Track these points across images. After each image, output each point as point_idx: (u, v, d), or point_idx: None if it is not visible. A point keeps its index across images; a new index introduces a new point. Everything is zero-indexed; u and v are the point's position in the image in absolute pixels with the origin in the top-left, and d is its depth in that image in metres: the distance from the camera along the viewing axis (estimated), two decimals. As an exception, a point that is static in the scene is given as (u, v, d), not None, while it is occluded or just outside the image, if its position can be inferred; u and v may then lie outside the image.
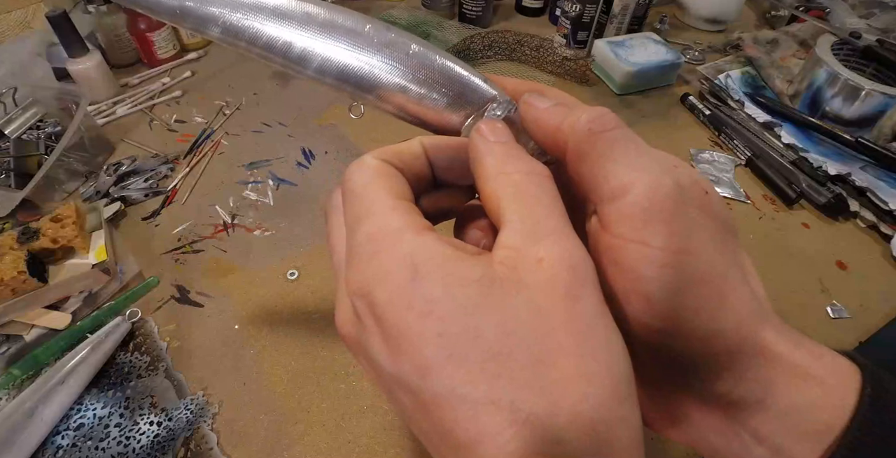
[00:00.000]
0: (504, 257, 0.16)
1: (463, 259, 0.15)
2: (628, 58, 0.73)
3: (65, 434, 0.40)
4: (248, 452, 0.39)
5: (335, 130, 0.68)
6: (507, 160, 0.18)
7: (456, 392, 0.14)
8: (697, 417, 0.19)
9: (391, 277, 0.15)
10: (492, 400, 0.13)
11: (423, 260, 0.15)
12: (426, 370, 0.14)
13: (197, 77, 0.76)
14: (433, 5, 0.89)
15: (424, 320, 0.14)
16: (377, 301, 0.15)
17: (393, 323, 0.15)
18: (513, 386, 0.14)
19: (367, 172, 0.18)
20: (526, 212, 0.16)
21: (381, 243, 0.16)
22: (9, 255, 0.45)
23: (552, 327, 0.14)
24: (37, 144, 0.59)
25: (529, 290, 0.15)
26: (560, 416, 0.13)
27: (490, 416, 0.13)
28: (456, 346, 0.14)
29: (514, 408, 0.13)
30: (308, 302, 0.49)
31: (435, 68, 0.21)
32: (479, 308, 0.14)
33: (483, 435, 0.13)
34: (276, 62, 0.22)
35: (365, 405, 0.42)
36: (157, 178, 0.61)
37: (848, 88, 0.63)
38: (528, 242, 0.16)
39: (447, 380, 0.14)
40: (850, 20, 0.84)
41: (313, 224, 0.56)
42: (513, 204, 0.17)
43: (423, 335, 0.14)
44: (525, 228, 0.16)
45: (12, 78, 0.65)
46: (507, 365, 0.14)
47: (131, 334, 0.46)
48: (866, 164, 0.62)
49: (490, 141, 0.19)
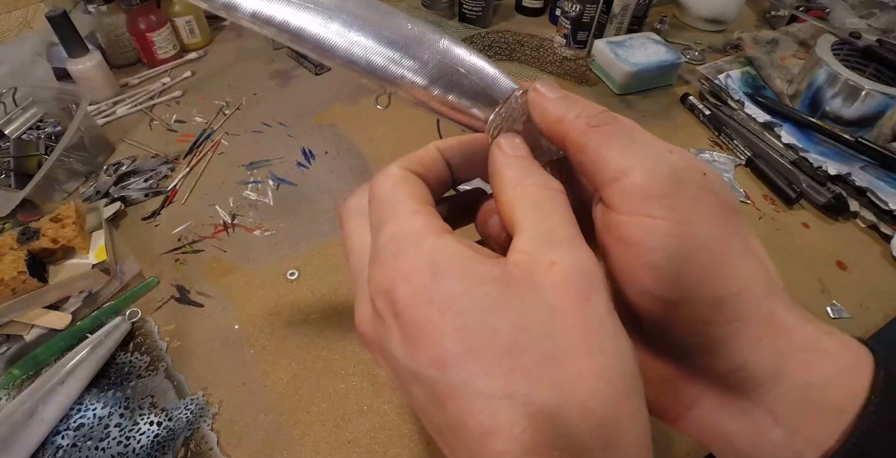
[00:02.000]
0: (519, 260, 0.16)
1: (481, 260, 0.16)
2: (628, 58, 0.73)
3: (65, 434, 0.40)
4: (248, 452, 0.39)
5: (335, 129, 0.68)
6: (524, 173, 0.19)
7: (472, 385, 0.14)
8: (710, 400, 0.19)
9: (413, 274, 0.16)
10: (507, 394, 0.14)
11: (443, 258, 0.16)
12: (444, 362, 0.15)
13: (197, 77, 0.76)
14: (433, 5, 0.89)
15: (444, 314, 0.15)
16: (399, 297, 0.16)
17: (413, 318, 0.15)
18: (527, 380, 0.14)
19: (391, 179, 0.19)
20: (541, 221, 0.17)
21: (404, 242, 0.17)
22: (9, 255, 0.45)
23: (565, 325, 0.15)
24: (37, 144, 0.59)
25: (543, 291, 0.15)
26: (571, 410, 0.14)
27: (504, 409, 0.14)
28: (474, 340, 0.15)
29: (528, 401, 0.14)
30: (308, 302, 0.49)
31: (463, 64, 0.22)
32: (497, 305, 0.15)
33: (497, 427, 0.14)
34: (305, 49, 0.22)
35: (365, 405, 0.42)
36: (157, 178, 0.61)
37: (848, 88, 0.63)
38: (542, 247, 0.16)
39: (464, 373, 0.15)
40: (850, 20, 0.84)
41: (313, 224, 0.56)
42: (528, 213, 0.18)
43: (442, 329, 0.15)
44: (539, 235, 0.17)
45: (12, 78, 0.65)
46: (521, 360, 0.14)
47: (131, 334, 0.46)
48: (866, 164, 0.62)
49: (508, 155, 0.20)
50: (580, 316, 0.15)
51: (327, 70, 0.78)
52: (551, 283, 0.16)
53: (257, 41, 0.83)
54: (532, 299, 0.15)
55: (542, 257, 0.16)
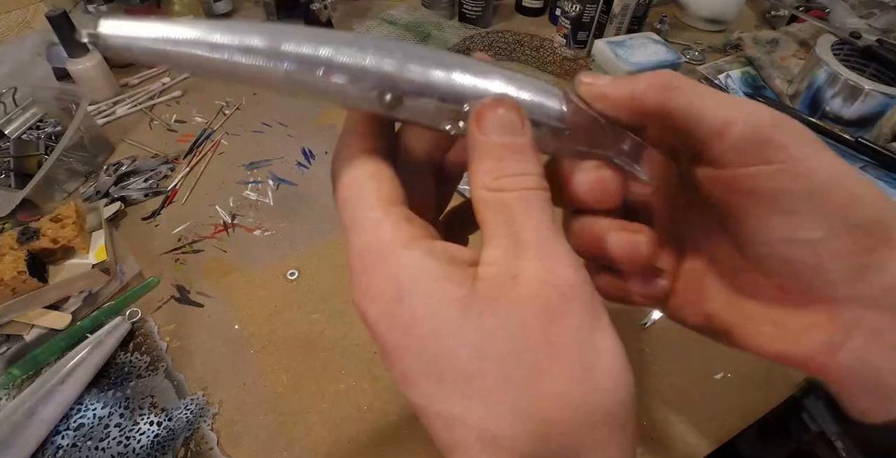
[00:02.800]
0: (486, 273, 0.16)
1: (448, 277, 0.15)
2: (628, 58, 0.73)
3: (65, 434, 0.40)
4: (248, 452, 0.39)
5: (335, 130, 0.68)
6: (500, 165, 0.16)
7: (432, 406, 0.15)
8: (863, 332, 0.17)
9: (380, 296, 0.16)
10: (462, 419, 0.14)
11: (407, 279, 0.15)
12: (408, 382, 0.15)
13: (197, 77, 0.76)
14: (433, 5, 0.89)
15: (406, 336, 0.15)
16: (369, 318, 0.16)
17: (381, 337, 0.16)
18: (483, 406, 0.14)
19: (356, 175, 0.18)
20: (507, 224, 0.16)
21: (370, 259, 0.16)
22: (9, 255, 0.45)
23: (527, 346, 0.14)
24: (37, 144, 0.59)
25: (508, 308, 0.15)
26: (526, 437, 0.14)
27: (461, 430, 0.14)
28: (432, 364, 0.15)
29: (482, 428, 0.14)
30: (308, 302, 0.49)
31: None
32: (457, 329, 0.15)
33: (456, 445, 0.15)
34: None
35: (365, 405, 0.42)
36: (157, 178, 0.61)
37: (848, 88, 0.63)
38: (508, 257, 0.15)
39: (424, 394, 0.15)
40: (850, 20, 0.84)
41: (313, 224, 0.56)
42: (496, 215, 0.16)
43: (403, 352, 0.15)
44: (507, 242, 0.16)
45: (12, 78, 0.65)
46: (478, 386, 0.14)
47: (131, 334, 0.46)
48: (866, 164, 0.62)
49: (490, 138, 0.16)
50: (546, 334, 0.14)
51: (327, 70, 0.78)
52: (517, 298, 0.15)
53: (257, 41, 0.83)
54: (494, 320, 0.14)
55: (507, 269, 0.15)
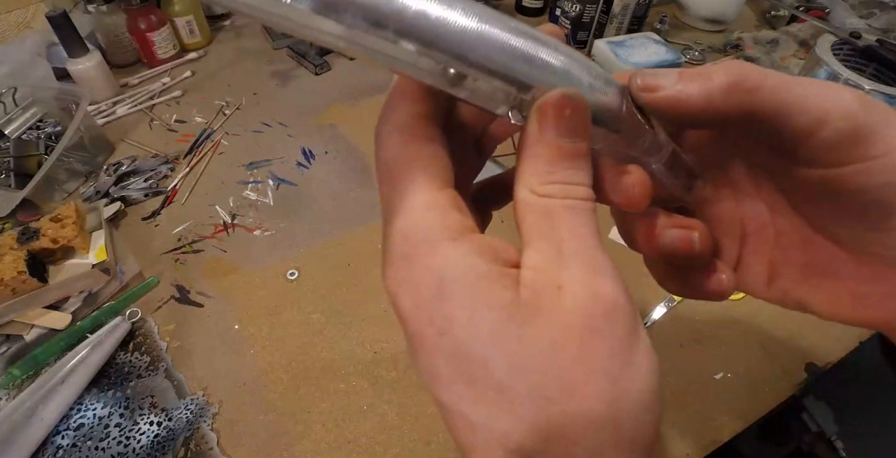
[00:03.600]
0: (529, 279, 0.15)
1: (493, 280, 0.15)
2: (628, 58, 0.73)
3: (65, 434, 0.40)
4: (248, 452, 0.39)
5: (335, 129, 0.68)
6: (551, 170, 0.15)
7: (458, 408, 0.14)
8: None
9: (419, 288, 0.15)
10: (487, 425, 0.14)
11: (452, 278, 0.15)
12: (436, 378, 0.15)
13: (197, 77, 0.76)
14: (433, 5, 0.89)
15: (442, 337, 0.15)
16: (402, 307, 0.15)
17: (413, 330, 0.15)
18: (509, 417, 0.14)
19: (405, 147, 0.16)
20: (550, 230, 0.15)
21: (415, 247, 0.15)
22: (9, 255, 0.45)
23: (562, 363, 0.14)
24: (37, 144, 0.59)
25: (548, 319, 0.14)
26: (548, 454, 0.14)
27: (483, 435, 0.14)
28: (465, 369, 0.14)
29: (506, 437, 0.14)
30: (308, 302, 0.49)
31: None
32: (496, 337, 0.14)
33: (476, 447, 0.14)
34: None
35: (365, 404, 0.42)
36: (157, 178, 0.61)
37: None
38: (551, 264, 0.15)
39: (452, 395, 0.15)
40: (850, 20, 0.84)
41: (313, 224, 0.56)
42: (538, 220, 0.15)
43: (436, 352, 0.15)
44: (549, 247, 0.15)
45: (12, 78, 0.65)
46: (508, 397, 0.14)
47: (131, 334, 0.46)
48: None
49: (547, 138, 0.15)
50: (582, 351, 0.14)
51: (327, 70, 0.78)
52: (558, 310, 0.14)
53: (257, 41, 0.83)
54: (535, 331, 0.14)
55: (550, 278, 0.15)
